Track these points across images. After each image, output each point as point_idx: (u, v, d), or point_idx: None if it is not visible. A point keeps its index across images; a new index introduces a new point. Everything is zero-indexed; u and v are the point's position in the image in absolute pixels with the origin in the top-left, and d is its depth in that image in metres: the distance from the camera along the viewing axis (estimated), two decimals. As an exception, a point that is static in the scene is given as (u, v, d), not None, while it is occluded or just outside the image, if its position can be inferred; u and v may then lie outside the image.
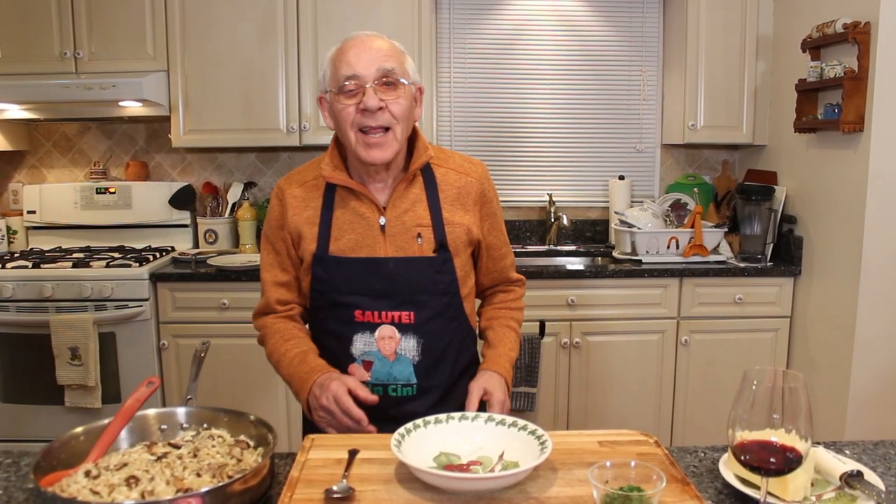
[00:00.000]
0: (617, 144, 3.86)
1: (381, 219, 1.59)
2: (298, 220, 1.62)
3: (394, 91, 1.51)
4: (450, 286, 1.62)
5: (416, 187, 1.62)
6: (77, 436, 1.22)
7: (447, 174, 1.65)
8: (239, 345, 3.13)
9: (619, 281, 3.18)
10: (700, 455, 1.32)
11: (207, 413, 1.32)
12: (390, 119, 1.51)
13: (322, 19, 3.29)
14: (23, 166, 3.75)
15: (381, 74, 1.49)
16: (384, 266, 1.57)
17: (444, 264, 1.60)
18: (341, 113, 1.52)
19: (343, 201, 1.61)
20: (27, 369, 3.08)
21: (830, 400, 2.95)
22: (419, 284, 1.58)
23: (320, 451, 1.25)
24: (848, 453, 1.32)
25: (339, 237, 1.59)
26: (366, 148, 1.52)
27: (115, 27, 3.26)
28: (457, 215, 1.62)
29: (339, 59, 1.52)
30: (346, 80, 1.49)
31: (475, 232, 1.65)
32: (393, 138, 1.53)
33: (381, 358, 1.59)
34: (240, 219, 3.54)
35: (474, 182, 1.66)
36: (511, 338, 1.74)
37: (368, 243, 1.58)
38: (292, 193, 1.64)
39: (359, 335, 1.59)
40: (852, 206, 2.82)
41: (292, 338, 1.65)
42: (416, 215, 1.60)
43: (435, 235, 1.59)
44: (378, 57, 1.50)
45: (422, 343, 1.59)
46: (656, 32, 3.78)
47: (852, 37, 2.71)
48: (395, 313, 1.58)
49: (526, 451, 1.17)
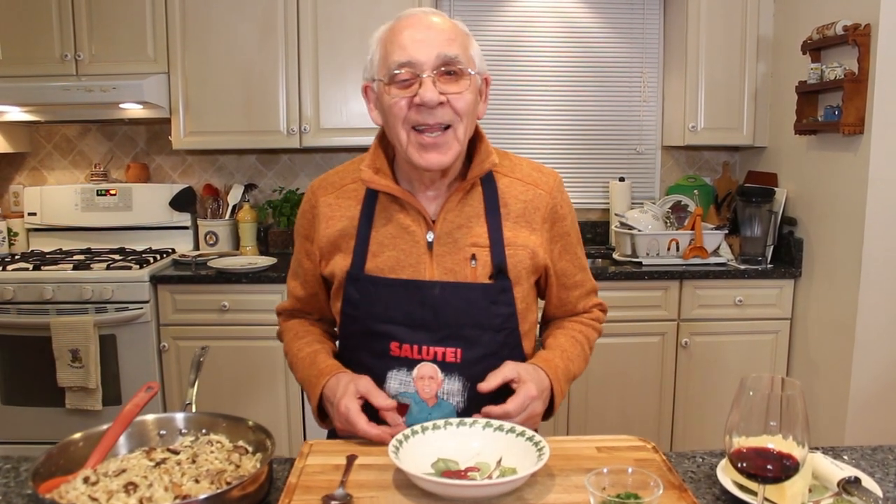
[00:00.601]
0: (617, 146, 3.86)
1: (430, 234, 1.35)
2: (332, 232, 1.40)
3: (457, 82, 1.27)
4: (507, 321, 1.37)
5: (473, 199, 1.37)
6: (76, 441, 1.22)
7: (512, 185, 1.40)
8: (239, 347, 3.13)
9: (619, 283, 3.18)
10: (698, 461, 1.32)
11: (206, 418, 1.32)
12: (452, 115, 1.27)
13: (322, 21, 3.30)
14: (24, 168, 3.76)
15: (443, 62, 1.26)
16: (428, 291, 1.33)
17: (501, 294, 1.35)
18: (391, 107, 1.28)
19: (385, 211, 1.37)
20: (28, 371, 3.09)
21: (831, 402, 2.95)
22: (469, 316, 1.34)
23: (318, 457, 1.25)
24: (846, 458, 1.32)
25: (377, 253, 1.36)
26: (420, 150, 1.29)
27: (116, 29, 3.26)
28: (521, 236, 1.37)
29: (390, 40, 1.28)
30: (399, 67, 1.25)
31: (541, 256, 1.40)
32: (454, 138, 1.29)
33: (419, 401, 1.34)
34: (240, 221, 3.54)
35: (544, 195, 1.41)
36: (574, 350, 1.45)
37: (412, 263, 1.35)
38: (327, 202, 1.42)
39: (394, 372, 1.35)
40: (852, 208, 2.82)
41: (305, 335, 1.50)
42: (472, 233, 1.35)
43: (493, 258, 1.34)
44: (439, 40, 1.25)
45: (468, 387, 1.33)
46: (657, 34, 3.78)
47: (853, 39, 2.71)
48: (439, 349, 1.33)
49: (524, 458, 1.17)
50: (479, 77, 1.34)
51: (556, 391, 1.36)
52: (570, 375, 1.43)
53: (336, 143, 3.40)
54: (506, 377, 1.30)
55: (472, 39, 1.34)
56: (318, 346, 1.47)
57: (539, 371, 1.35)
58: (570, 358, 1.44)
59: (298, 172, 3.79)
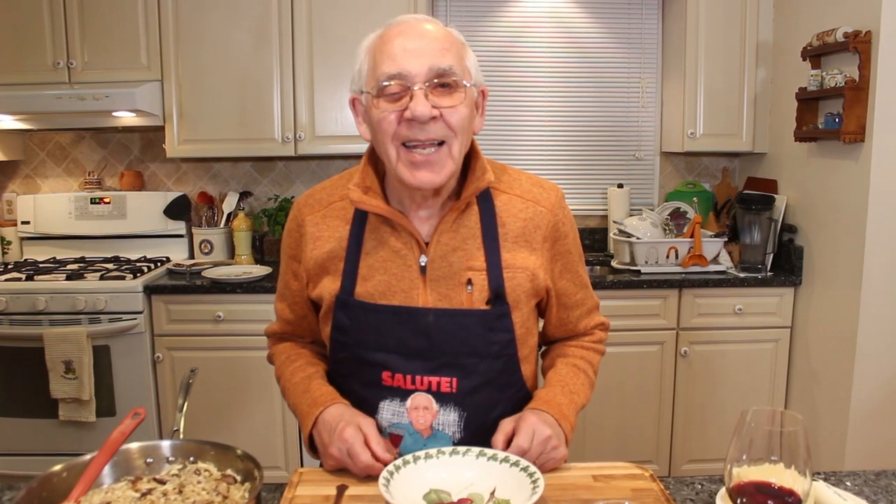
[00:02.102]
0: (615, 152, 3.83)
1: (423, 258, 1.28)
2: (320, 253, 1.33)
3: (451, 95, 1.19)
4: (505, 348, 1.30)
5: (469, 219, 1.29)
6: (59, 473, 1.18)
7: (511, 202, 1.32)
8: (234, 358, 3.10)
9: (617, 292, 3.15)
10: (697, 487, 1.29)
11: (193, 446, 1.29)
12: (445, 131, 1.19)
13: (317, 28, 3.26)
14: (17, 176, 3.73)
15: (436, 74, 1.17)
16: (422, 318, 1.26)
17: (499, 320, 1.28)
18: (380, 122, 1.19)
19: (376, 232, 1.30)
20: (21, 383, 3.06)
21: (831, 412, 2.92)
22: (465, 344, 1.27)
23: (308, 487, 1.22)
24: (849, 485, 1.29)
25: (368, 277, 1.29)
26: (411, 168, 1.21)
27: (109, 37, 3.23)
28: (520, 257, 1.30)
29: (379, 49, 1.20)
30: (389, 79, 1.17)
31: (542, 278, 1.32)
32: (447, 156, 1.21)
33: (414, 433, 1.29)
34: (235, 229, 3.51)
35: (545, 213, 1.33)
36: (577, 380, 1.39)
37: (404, 288, 1.28)
38: (313, 221, 1.35)
39: (386, 402, 1.29)
40: (853, 215, 2.79)
41: (297, 358, 1.43)
42: (468, 255, 1.28)
43: (490, 282, 1.27)
44: (432, 49, 1.17)
45: (465, 417, 1.28)
46: (655, 39, 3.75)
47: (853, 46, 2.68)
48: (433, 379, 1.27)
49: (518, 489, 1.14)
50: (476, 89, 1.26)
51: (565, 429, 1.29)
52: (577, 407, 1.36)
53: (331, 150, 3.37)
54: (506, 433, 1.24)
55: (469, 49, 1.27)
56: (311, 371, 1.40)
57: (536, 413, 1.28)
58: (574, 390, 1.37)
59: (294, 180, 3.75)
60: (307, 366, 1.42)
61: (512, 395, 1.35)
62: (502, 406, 1.33)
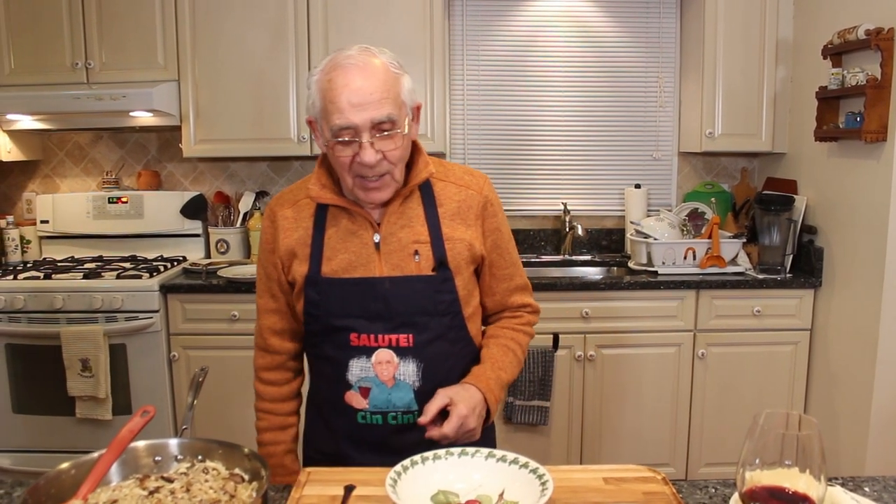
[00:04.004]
0: (633, 152, 3.80)
1: (376, 236, 1.50)
2: (290, 241, 1.54)
3: (391, 139, 1.41)
4: (451, 306, 1.53)
5: (413, 202, 1.53)
6: (67, 470, 1.19)
7: (446, 188, 1.56)
8: (249, 357, 3.06)
9: (634, 293, 3.12)
10: (710, 491, 1.27)
11: (201, 444, 1.29)
12: (388, 166, 1.43)
13: (332, 28, 3.26)
14: (36, 176, 3.76)
15: (377, 126, 1.39)
16: (379, 286, 1.49)
17: (443, 283, 1.51)
18: (338, 159, 1.43)
19: (335, 219, 1.53)
20: (38, 380, 3.08)
21: (852, 415, 2.88)
22: (417, 305, 1.50)
23: (315, 487, 1.21)
24: (867, 490, 1.26)
25: (331, 257, 1.51)
26: (365, 191, 1.46)
27: (126, 37, 3.25)
28: (458, 231, 1.54)
29: (329, 98, 1.39)
30: (340, 130, 1.39)
31: (478, 248, 1.55)
32: (391, 180, 1.46)
33: (379, 384, 1.49)
34: (251, 228, 3.52)
35: (475, 195, 1.57)
36: (506, 358, 1.60)
37: (363, 263, 1.50)
38: (284, 214, 1.57)
39: (355, 360, 1.50)
40: (875, 216, 2.75)
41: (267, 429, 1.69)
42: (414, 232, 1.51)
43: (434, 253, 1.50)
44: (371, 103, 1.37)
45: (422, 367, 1.49)
46: (673, 38, 3.71)
47: (875, 44, 2.63)
48: (393, 336, 1.49)
49: (527, 490, 1.13)
50: (411, 113, 1.48)
51: (489, 401, 1.50)
52: (503, 383, 1.57)
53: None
54: (440, 405, 1.42)
55: (403, 77, 1.46)
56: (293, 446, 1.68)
57: (470, 388, 1.48)
58: (502, 367, 1.57)
59: (310, 179, 3.75)
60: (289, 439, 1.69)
61: (461, 349, 1.58)
62: (454, 357, 1.56)
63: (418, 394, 1.49)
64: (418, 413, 1.48)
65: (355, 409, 1.50)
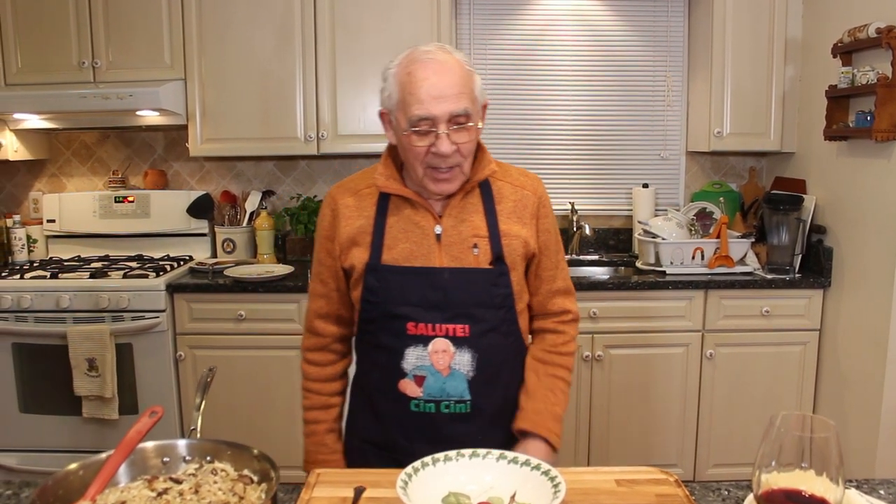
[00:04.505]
0: (641, 151, 3.79)
1: (437, 227, 1.55)
2: (351, 229, 1.59)
3: (466, 132, 1.48)
4: (505, 300, 1.57)
5: (473, 198, 1.59)
6: (75, 471, 1.18)
7: (504, 187, 1.62)
8: (255, 357, 3.10)
9: (642, 293, 3.10)
10: (723, 493, 1.26)
11: (210, 445, 1.28)
12: (460, 158, 1.50)
13: (339, 26, 3.26)
14: (43, 175, 3.76)
15: (454, 119, 1.46)
16: (439, 276, 1.53)
17: (500, 277, 1.56)
18: (412, 149, 1.49)
19: (398, 209, 1.58)
20: (45, 380, 3.08)
21: (861, 416, 2.86)
22: (474, 296, 1.54)
23: (325, 489, 1.20)
24: (882, 493, 1.25)
25: (392, 246, 1.56)
26: (434, 182, 1.52)
27: (133, 36, 3.25)
28: (514, 228, 1.59)
29: (408, 90, 1.46)
30: (419, 121, 1.45)
31: (532, 245, 1.61)
32: (460, 172, 1.52)
33: (435, 373, 1.53)
34: (258, 228, 3.51)
35: (531, 195, 1.63)
36: (557, 388, 1.64)
37: (423, 253, 1.55)
38: (345, 203, 1.62)
39: (411, 349, 1.53)
40: (885, 216, 2.73)
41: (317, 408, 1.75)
42: (473, 226, 1.57)
43: (492, 247, 1.56)
44: (451, 96, 1.45)
45: (476, 357, 1.53)
46: (681, 37, 3.70)
47: (886, 42, 2.61)
48: (450, 326, 1.53)
49: (539, 493, 1.11)
50: (481, 110, 1.55)
51: (553, 443, 1.57)
52: (558, 417, 1.61)
53: (354, 149, 3.36)
54: None
55: (475, 75, 1.53)
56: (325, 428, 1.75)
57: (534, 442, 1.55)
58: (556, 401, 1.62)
59: (317, 179, 3.75)
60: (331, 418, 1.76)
61: (512, 342, 1.62)
62: (505, 350, 1.60)
63: (472, 383, 1.53)
64: (471, 403, 1.53)
65: (409, 398, 1.53)
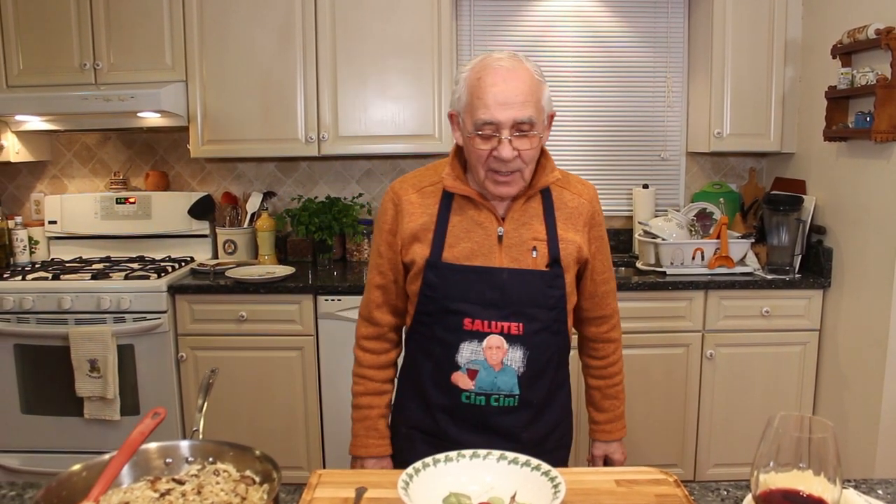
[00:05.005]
0: (641, 152, 3.79)
1: (500, 229, 1.61)
2: (414, 225, 1.64)
3: (528, 140, 1.52)
4: (559, 301, 1.63)
5: (534, 203, 1.65)
6: (78, 472, 1.18)
7: (562, 193, 1.68)
8: (257, 358, 3.11)
9: (642, 293, 3.11)
10: (722, 493, 1.26)
11: (212, 446, 1.28)
12: (521, 164, 1.54)
13: (340, 28, 3.26)
14: (44, 176, 3.77)
15: (518, 126, 1.50)
16: (498, 276, 1.59)
17: (555, 279, 1.62)
18: (475, 152, 1.54)
19: (461, 209, 1.63)
20: (47, 381, 3.09)
21: (861, 417, 2.86)
22: (530, 297, 1.60)
23: (327, 489, 1.21)
24: (881, 493, 1.26)
25: (454, 244, 1.61)
26: (495, 185, 1.56)
27: (134, 38, 3.26)
28: (570, 233, 1.65)
29: (476, 95, 1.51)
30: (484, 125, 1.50)
31: (585, 251, 1.67)
32: (520, 178, 1.56)
33: (488, 367, 1.59)
34: (259, 229, 3.52)
35: (586, 204, 1.69)
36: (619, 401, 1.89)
37: (484, 252, 1.60)
38: (409, 199, 1.66)
39: (466, 343, 1.59)
40: (884, 216, 2.73)
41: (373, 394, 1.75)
42: (533, 229, 1.62)
43: (549, 251, 1.62)
44: (517, 104, 1.49)
45: (528, 355, 1.59)
46: (681, 38, 3.70)
47: (885, 43, 2.62)
48: (505, 324, 1.58)
49: (539, 493, 1.12)
50: (546, 120, 1.58)
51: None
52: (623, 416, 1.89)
53: (355, 150, 3.37)
54: None
55: (545, 86, 1.57)
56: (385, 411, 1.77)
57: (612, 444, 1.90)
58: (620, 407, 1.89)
59: (317, 180, 3.76)
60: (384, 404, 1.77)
61: (560, 341, 1.66)
62: (553, 348, 1.64)
63: (522, 379, 1.60)
64: (519, 397, 1.60)
65: (461, 390, 1.60)
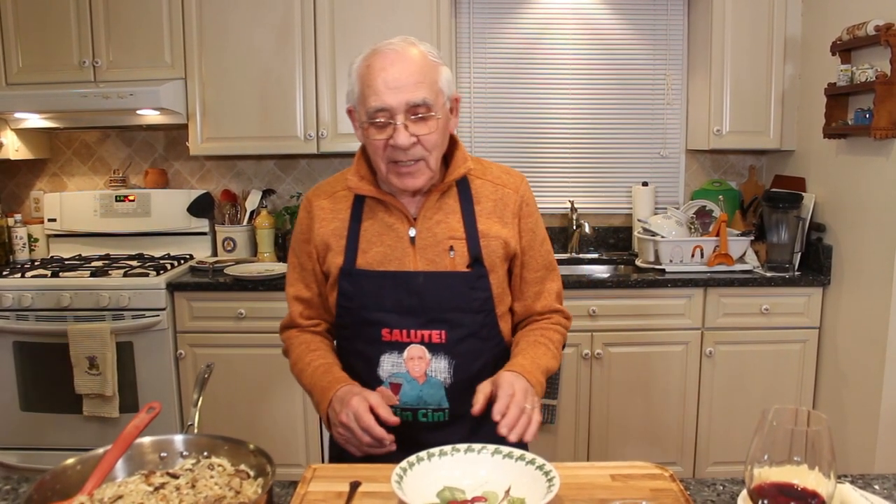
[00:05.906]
0: (640, 150, 3.79)
1: (411, 230, 1.50)
2: (325, 232, 1.55)
3: (426, 123, 1.42)
4: (484, 304, 1.52)
5: (449, 198, 1.53)
6: (72, 466, 1.18)
7: (484, 185, 1.56)
8: (256, 355, 3.11)
9: (641, 291, 3.11)
10: (718, 489, 1.26)
11: (206, 441, 1.28)
12: (423, 151, 1.44)
13: (339, 26, 3.26)
14: (44, 174, 3.77)
15: (412, 108, 1.40)
16: (413, 280, 1.48)
17: (478, 280, 1.50)
18: (371, 144, 1.45)
19: (372, 212, 1.53)
20: (46, 378, 3.09)
21: (861, 414, 2.86)
22: (451, 301, 1.49)
23: (321, 483, 1.21)
24: (877, 488, 1.25)
25: (366, 250, 1.51)
26: (398, 177, 1.46)
27: (133, 36, 3.26)
28: (493, 228, 1.53)
29: (366, 83, 1.41)
30: (375, 112, 1.41)
31: (513, 246, 1.55)
32: (425, 167, 1.46)
33: (411, 380, 1.48)
34: (258, 227, 3.52)
35: (512, 194, 1.57)
36: (538, 349, 1.53)
37: (397, 256, 1.50)
38: (320, 205, 1.58)
39: (386, 356, 1.49)
40: (884, 214, 2.73)
41: (317, 349, 1.59)
42: (449, 227, 1.51)
43: (469, 249, 1.50)
44: (408, 86, 1.39)
45: (454, 364, 1.49)
46: (681, 35, 3.70)
47: (885, 39, 2.61)
48: (425, 332, 1.48)
49: (533, 487, 1.12)
50: (448, 103, 1.49)
51: (532, 382, 1.42)
52: (542, 368, 1.50)
53: (353, 148, 3.35)
54: (486, 392, 1.37)
55: (442, 67, 1.47)
56: (331, 360, 1.57)
57: (509, 374, 1.41)
58: (535, 356, 1.51)
59: (317, 178, 3.76)
60: (327, 356, 1.59)
61: (493, 347, 1.55)
62: (485, 356, 1.54)
63: (449, 391, 1.49)
64: (448, 410, 1.49)
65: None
